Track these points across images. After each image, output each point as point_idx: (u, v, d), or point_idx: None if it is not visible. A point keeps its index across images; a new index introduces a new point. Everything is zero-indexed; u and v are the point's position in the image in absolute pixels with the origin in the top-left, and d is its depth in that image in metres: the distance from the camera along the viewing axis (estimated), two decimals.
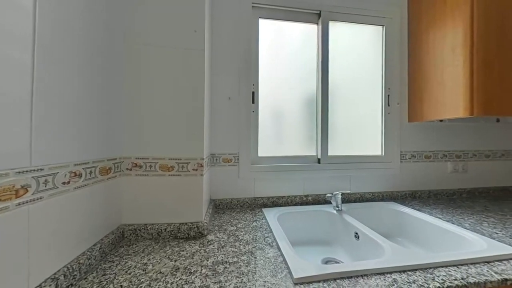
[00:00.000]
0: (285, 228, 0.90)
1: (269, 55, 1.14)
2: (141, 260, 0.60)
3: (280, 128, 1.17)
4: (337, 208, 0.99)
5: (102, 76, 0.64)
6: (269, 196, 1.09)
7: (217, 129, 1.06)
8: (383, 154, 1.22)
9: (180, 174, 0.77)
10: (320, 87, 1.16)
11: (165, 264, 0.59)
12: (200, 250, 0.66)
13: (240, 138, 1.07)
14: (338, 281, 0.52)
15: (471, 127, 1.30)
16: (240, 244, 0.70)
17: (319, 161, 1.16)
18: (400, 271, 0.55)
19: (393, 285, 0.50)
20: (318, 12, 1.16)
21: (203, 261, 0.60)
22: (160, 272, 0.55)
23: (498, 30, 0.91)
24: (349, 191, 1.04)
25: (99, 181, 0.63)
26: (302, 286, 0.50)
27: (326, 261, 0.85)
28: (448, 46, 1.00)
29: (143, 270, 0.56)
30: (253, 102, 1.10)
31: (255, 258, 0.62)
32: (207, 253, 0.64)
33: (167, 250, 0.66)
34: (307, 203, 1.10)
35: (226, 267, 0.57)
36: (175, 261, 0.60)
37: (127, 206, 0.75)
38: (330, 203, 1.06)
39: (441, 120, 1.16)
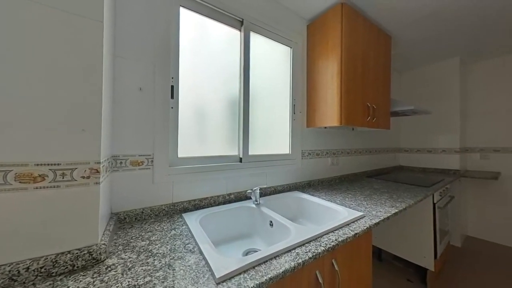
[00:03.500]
0: (208, 230, 0.88)
1: (191, 50, 1.07)
2: None
3: (203, 128, 1.13)
4: (256, 202, 1.09)
5: None
6: (190, 199, 1.02)
7: (123, 124, 0.86)
8: (290, 152, 1.49)
9: (59, 185, 0.55)
10: (242, 91, 1.24)
11: None
12: (94, 282, 0.51)
13: (155, 136, 0.93)
14: (256, 268, 0.57)
15: (340, 133, 1.88)
16: (154, 260, 0.60)
17: (241, 160, 1.23)
18: (300, 245, 0.70)
19: (296, 257, 0.63)
20: (241, 20, 1.23)
21: None
22: None
23: (352, 69, 1.37)
24: (265, 186, 1.19)
25: None
26: (224, 283, 0.51)
27: (247, 253, 0.91)
28: (329, 74, 1.38)
29: None
30: (172, 97, 0.99)
31: (174, 270, 0.56)
32: (106, 282, 0.51)
33: None
34: (230, 201, 1.13)
35: None
36: None
37: None
38: (251, 198, 1.15)
39: (325, 127, 1.59)
